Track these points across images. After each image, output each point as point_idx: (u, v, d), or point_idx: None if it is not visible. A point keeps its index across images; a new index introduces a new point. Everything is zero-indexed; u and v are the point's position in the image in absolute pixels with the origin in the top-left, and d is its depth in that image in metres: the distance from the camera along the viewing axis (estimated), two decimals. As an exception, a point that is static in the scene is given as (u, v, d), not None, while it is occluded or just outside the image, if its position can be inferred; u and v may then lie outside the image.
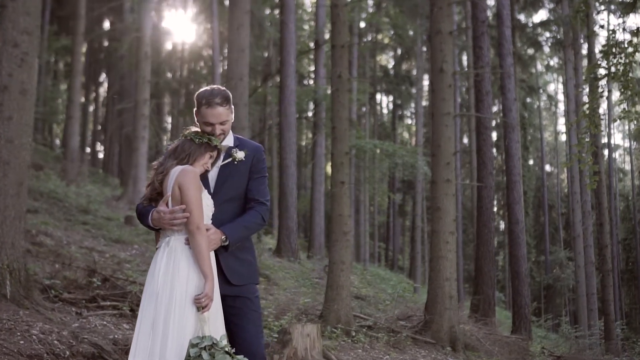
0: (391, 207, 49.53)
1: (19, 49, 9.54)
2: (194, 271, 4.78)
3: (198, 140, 5.05)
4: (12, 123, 9.40)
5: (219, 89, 5.26)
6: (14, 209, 9.37)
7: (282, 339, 10.25)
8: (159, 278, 4.80)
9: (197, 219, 4.79)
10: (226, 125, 5.24)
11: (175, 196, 4.88)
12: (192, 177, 4.86)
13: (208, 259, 4.78)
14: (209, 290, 4.70)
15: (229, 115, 5.24)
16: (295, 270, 21.74)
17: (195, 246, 4.78)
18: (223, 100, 5.18)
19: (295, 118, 27.47)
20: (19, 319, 8.65)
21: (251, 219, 5.23)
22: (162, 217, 4.90)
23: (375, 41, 45.22)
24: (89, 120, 51.52)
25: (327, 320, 12.77)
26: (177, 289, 4.71)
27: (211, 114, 5.15)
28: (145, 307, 4.80)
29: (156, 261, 4.91)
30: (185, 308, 4.68)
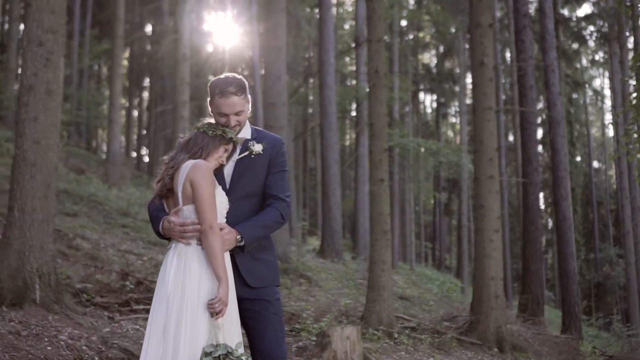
0: (437, 206, 49.08)
1: (44, 48, 9.35)
2: (207, 274, 4.46)
3: (212, 133, 4.73)
4: (38, 124, 9.21)
5: (234, 77, 4.91)
6: (42, 211, 9.18)
7: (321, 342, 9.95)
8: (169, 281, 4.50)
9: (209, 217, 4.46)
10: (242, 116, 4.91)
11: (186, 193, 4.56)
12: (205, 173, 4.52)
13: (222, 260, 4.45)
14: (223, 295, 4.37)
15: (245, 105, 4.91)
16: (339, 271, 21.46)
17: (208, 247, 4.45)
18: (238, 89, 4.84)
19: (337, 118, 27.22)
20: (47, 324, 8.46)
21: (269, 216, 4.88)
22: (172, 228, 4.60)
23: (416, 39, 44.78)
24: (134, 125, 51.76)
25: (368, 322, 12.44)
26: (189, 294, 4.40)
27: (225, 104, 4.82)
28: (156, 313, 4.49)
29: (166, 263, 4.61)
30: (198, 314, 4.38)
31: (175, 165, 4.65)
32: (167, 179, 4.67)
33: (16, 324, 8.21)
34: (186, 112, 25.53)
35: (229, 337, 4.45)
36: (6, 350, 7.27)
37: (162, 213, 4.78)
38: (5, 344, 7.43)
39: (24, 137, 9.23)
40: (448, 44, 41.87)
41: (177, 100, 25.61)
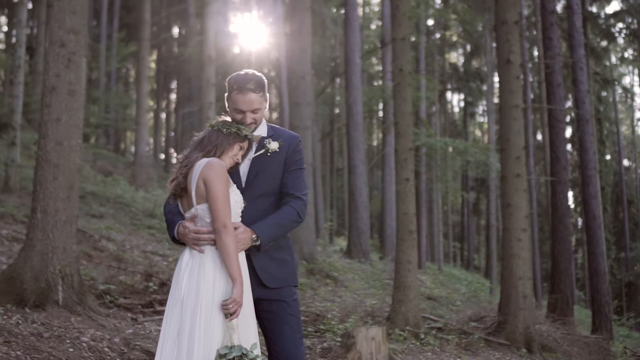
0: (465, 206, 48.79)
1: (66, 48, 9.34)
2: (221, 274, 4.37)
3: (226, 131, 4.64)
4: (60, 124, 9.20)
5: (254, 74, 4.82)
6: (65, 212, 9.17)
7: (346, 343, 9.85)
8: (183, 282, 4.42)
9: (223, 216, 4.37)
10: (258, 114, 4.81)
11: (199, 191, 4.46)
12: (218, 171, 4.43)
13: (236, 260, 4.35)
14: (237, 295, 4.27)
15: (263, 103, 4.82)
16: (366, 271, 21.34)
17: (221, 246, 4.36)
18: (256, 87, 4.76)
19: (363, 118, 27.11)
20: (70, 325, 8.43)
21: (285, 215, 4.77)
22: (186, 234, 4.52)
23: (443, 38, 44.55)
24: (162, 127, 51.88)
25: (394, 323, 12.32)
26: (203, 294, 4.31)
27: (242, 100, 4.73)
28: (170, 314, 4.42)
29: (181, 264, 4.53)
30: (212, 315, 4.28)
31: (189, 164, 4.57)
32: (180, 178, 4.58)
33: (38, 326, 8.19)
34: (212, 114, 25.50)
35: (244, 338, 4.36)
36: (28, 352, 7.25)
37: (178, 217, 4.70)
38: (27, 346, 7.41)
39: (46, 138, 9.23)
40: (475, 42, 41.59)
41: (203, 102, 25.61)
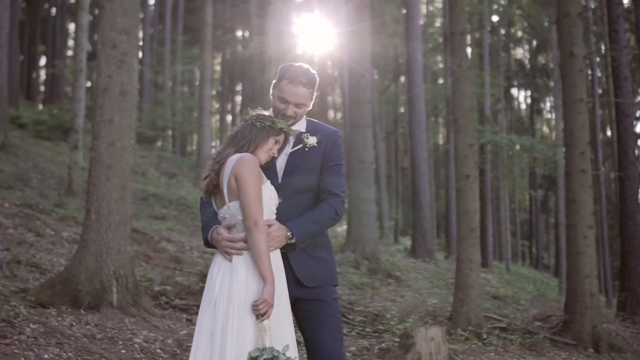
0: (533, 203, 48.07)
1: (118, 49, 9.34)
2: (254, 275, 4.24)
3: (260, 124, 4.49)
4: (113, 125, 9.20)
5: (308, 69, 4.70)
6: (118, 213, 9.17)
7: (405, 343, 9.65)
8: (216, 283, 4.29)
9: (254, 213, 4.22)
10: (301, 109, 4.68)
11: (231, 188, 4.32)
12: (251, 167, 4.28)
13: (267, 259, 4.21)
14: (268, 296, 4.13)
15: (309, 100, 4.69)
16: (429, 270, 21.08)
17: (252, 245, 4.22)
18: (308, 82, 4.64)
19: (427, 116, 26.85)
20: (123, 327, 8.41)
21: (322, 212, 4.61)
22: (219, 240, 4.39)
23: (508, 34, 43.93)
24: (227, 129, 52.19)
25: (456, 323, 12.08)
26: (235, 295, 4.19)
27: (290, 91, 4.60)
28: (203, 316, 4.30)
29: (214, 264, 4.41)
30: (244, 316, 4.15)
31: (221, 160, 4.43)
32: (213, 174, 4.45)
33: (92, 327, 8.19)
34: (272, 113, 25.47)
35: (278, 340, 4.22)
36: (79, 354, 7.24)
37: (213, 220, 4.57)
38: (79, 347, 7.40)
39: (99, 139, 9.24)
40: (541, 37, 40.92)
41: (266, 103, 25.60)
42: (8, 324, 7.69)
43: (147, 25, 44.44)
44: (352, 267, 16.98)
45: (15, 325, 7.72)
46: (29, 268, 10.56)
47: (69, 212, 15.09)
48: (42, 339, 7.50)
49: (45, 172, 20.07)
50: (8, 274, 10.02)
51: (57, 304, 8.79)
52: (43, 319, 8.09)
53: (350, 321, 10.94)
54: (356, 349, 9.71)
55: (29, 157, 21.55)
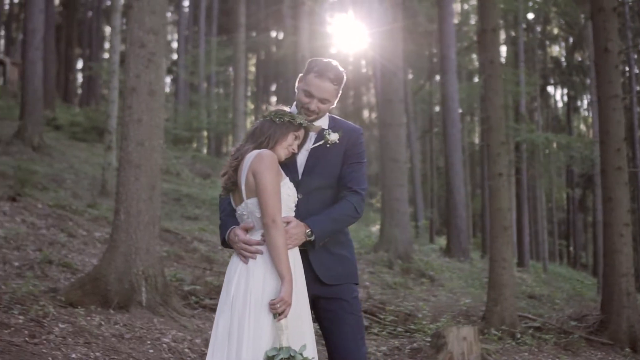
0: (570, 202, 47.59)
1: (146, 49, 9.34)
2: (272, 273, 4.16)
3: (279, 120, 4.41)
4: (141, 125, 9.20)
5: (338, 66, 4.61)
6: (147, 213, 9.16)
7: (436, 343, 9.54)
8: (233, 282, 4.23)
9: (272, 211, 4.15)
10: (325, 105, 4.58)
11: (249, 185, 4.25)
12: (269, 163, 4.20)
13: (285, 257, 4.13)
14: (285, 294, 4.05)
15: (334, 97, 4.60)
16: (464, 270, 20.92)
17: (270, 242, 4.15)
18: (335, 79, 4.54)
19: (461, 115, 26.69)
20: (152, 326, 8.41)
21: (341, 210, 4.53)
22: (236, 242, 4.33)
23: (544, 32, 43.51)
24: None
25: (489, 322, 11.95)
26: (253, 294, 4.12)
27: (317, 85, 4.51)
28: (220, 314, 4.25)
29: (232, 262, 4.35)
30: (261, 315, 4.08)
31: (240, 156, 4.37)
32: (231, 171, 4.40)
33: (121, 327, 8.19)
34: (306, 113, 25.43)
35: (296, 339, 4.15)
36: (107, 353, 7.23)
37: (231, 220, 4.51)
38: (106, 347, 7.39)
39: (128, 139, 9.25)
40: (577, 35, 40.48)
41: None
42: (37, 324, 7.71)
43: (182, 27, 44.67)
44: (385, 266, 16.88)
45: (44, 324, 7.74)
46: (61, 268, 10.62)
47: (102, 212, 15.17)
48: (70, 338, 7.51)
49: (80, 173, 20.20)
50: (39, 274, 10.08)
51: (86, 303, 8.81)
52: (72, 318, 8.11)
53: (381, 321, 10.86)
54: (387, 348, 9.63)
55: (64, 159, 21.71)
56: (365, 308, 11.07)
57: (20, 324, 7.59)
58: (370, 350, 9.28)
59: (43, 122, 24.16)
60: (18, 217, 13.08)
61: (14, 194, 14.36)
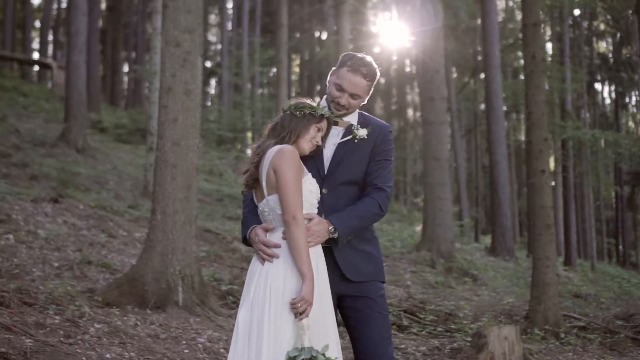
0: (619, 200, 46.87)
1: (181, 48, 9.34)
2: (293, 271, 4.07)
3: (300, 113, 4.31)
4: (177, 125, 9.18)
5: (372, 62, 4.53)
6: (184, 213, 9.14)
7: (477, 343, 9.39)
8: (253, 279, 4.16)
9: (293, 207, 4.07)
10: (356, 101, 4.50)
11: (270, 181, 4.18)
12: (289, 158, 4.12)
13: (306, 255, 4.04)
14: (306, 293, 3.97)
15: (365, 93, 4.51)
16: (509, 269, 20.65)
17: (290, 239, 4.06)
18: (368, 74, 4.46)
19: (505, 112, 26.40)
20: (188, 326, 8.38)
21: (366, 207, 4.43)
22: (255, 242, 4.27)
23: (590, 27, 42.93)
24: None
25: (532, 322, 11.75)
26: (273, 292, 4.03)
27: (349, 79, 4.43)
28: (240, 314, 4.17)
29: (254, 260, 4.27)
30: (282, 315, 4.00)
31: (261, 152, 4.29)
32: (252, 167, 4.32)
33: (156, 327, 8.18)
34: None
35: (318, 339, 4.05)
36: (141, 354, 7.21)
37: (252, 216, 4.45)
38: (141, 347, 7.38)
39: (164, 138, 9.24)
40: (624, 30, 39.84)
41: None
42: (73, 324, 7.73)
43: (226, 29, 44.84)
44: (428, 265, 16.71)
45: (80, 325, 7.75)
46: (100, 268, 10.66)
47: (143, 213, 15.21)
48: (105, 338, 7.51)
49: (122, 175, 20.33)
50: (78, 275, 10.12)
51: (123, 303, 8.82)
52: (108, 318, 8.11)
53: (421, 320, 10.72)
54: (427, 348, 9.49)
55: (108, 160, 21.87)
56: (405, 307, 10.95)
57: (56, 324, 7.61)
58: (409, 350, 9.17)
59: (87, 124, 24.37)
60: (60, 218, 13.17)
61: (56, 196, 14.46)
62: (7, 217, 12.24)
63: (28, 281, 9.19)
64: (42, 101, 32.79)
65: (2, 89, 33.68)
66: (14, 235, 11.44)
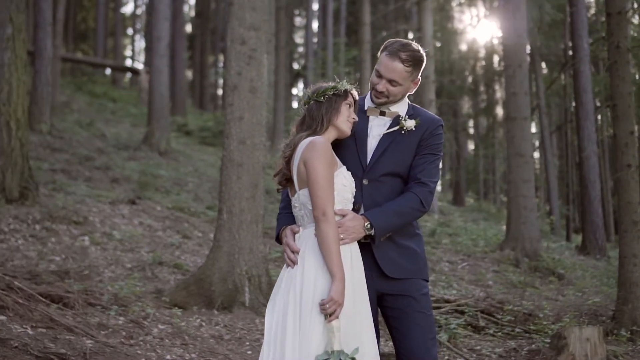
0: None
1: (247, 46, 9.23)
2: (324, 270, 3.83)
3: (324, 98, 4.07)
4: (243, 123, 9.08)
5: (413, 46, 4.26)
6: (250, 212, 9.02)
7: (556, 345, 9.00)
8: (283, 279, 3.98)
9: (323, 203, 3.83)
10: (395, 88, 4.22)
11: (301, 175, 3.95)
12: (321, 151, 3.89)
13: (336, 254, 3.79)
14: (335, 294, 3.72)
15: (406, 79, 4.22)
16: (599, 268, 19.97)
17: (320, 237, 3.83)
18: (408, 59, 4.18)
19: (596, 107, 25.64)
20: (253, 327, 8.25)
21: (406, 202, 4.14)
22: (283, 242, 4.09)
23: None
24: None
25: (619, 323, 11.23)
26: (304, 293, 3.81)
27: (386, 64, 4.18)
28: (267, 317, 4.00)
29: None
30: (312, 316, 3.76)
31: (293, 145, 4.06)
32: (284, 161, 4.10)
33: (221, 328, 8.08)
34: (433, 110, 25.06)
35: (352, 341, 3.80)
36: (203, 355, 7.11)
37: (288, 215, 4.23)
38: (203, 348, 7.28)
39: (230, 137, 9.15)
40: None
41: (423, 99, 25.30)
42: (136, 325, 7.67)
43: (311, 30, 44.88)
44: (512, 265, 16.25)
45: (144, 325, 7.69)
46: (171, 269, 10.61)
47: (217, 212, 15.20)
48: (167, 339, 7.43)
49: (203, 176, 20.39)
50: (149, 275, 10.10)
51: (191, 304, 8.75)
52: (173, 319, 8.04)
53: (498, 321, 10.34)
54: (503, 350, 9.14)
55: (190, 162, 21.98)
56: (482, 308, 10.59)
57: (119, 325, 7.57)
58: (483, 351, 8.84)
59: (170, 127, 24.57)
60: (136, 219, 13.22)
61: (135, 197, 14.55)
62: (84, 219, 12.34)
63: (97, 282, 9.20)
64: (130, 106, 33.34)
65: (92, 95, 34.42)
66: (90, 236, 11.51)
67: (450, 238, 18.52)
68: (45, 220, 11.73)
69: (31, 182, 12.56)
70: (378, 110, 4.34)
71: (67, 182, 15.09)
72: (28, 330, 6.77)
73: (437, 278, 12.90)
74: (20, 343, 6.22)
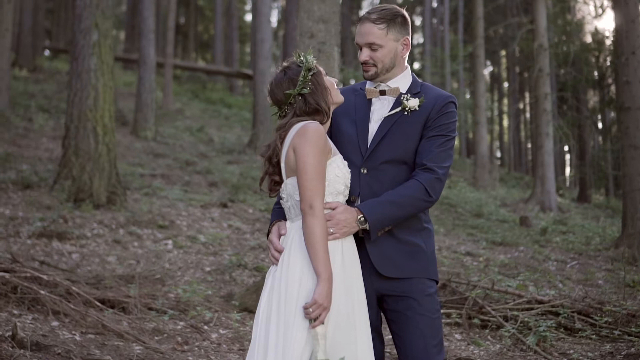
0: None
1: (315, 39, 8.88)
2: (310, 270, 3.41)
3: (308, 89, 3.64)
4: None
5: (385, 6, 3.85)
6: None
7: None
8: (269, 280, 3.58)
9: (310, 195, 3.42)
10: (378, 52, 3.79)
11: (289, 163, 3.56)
12: (313, 137, 3.47)
13: (323, 251, 3.37)
14: (319, 296, 3.31)
15: (384, 38, 3.78)
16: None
17: (305, 232, 3.42)
18: (379, 18, 3.76)
19: None
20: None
21: (407, 192, 3.65)
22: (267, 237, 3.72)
23: None
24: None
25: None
26: (288, 295, 3.40)
27: (359, 31, 3.81)
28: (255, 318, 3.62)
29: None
30: (295, 320, 3.35)
31: (285, 129, 3.66)
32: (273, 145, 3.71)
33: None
34: (548, 105, 24.19)
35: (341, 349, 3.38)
36: None
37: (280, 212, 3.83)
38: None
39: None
40: None
41: (538, 93, 24.42)
42: (195, 330, 7.41)
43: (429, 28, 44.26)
44: (628, 263, 15.28)
45: (203, 330, 7.41)
46: (252, 272, 10.33)
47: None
48: (225, 345, 7.14)
49: (305, 178, 20.18)
50: (227, 279, 9.86)
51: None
52: (236, 324, 7.73)
53: (596, 322, 9.59)
54: (598, 354, 8.44)
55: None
56: (579, 309, 9.84)
57: (177, 330, 7.32)
58: (574, 355, 8.18)
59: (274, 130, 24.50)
60: (225, 222, 13.06)
61: (227, 200, 14.41)
62: (171, 223, 12.25)
63: (168, 286, 8.98)
64: (245, 111, 33.58)
65: (208, 101, 34.86)
66: (173, 240, 11.38)
67: (563, 236, 17.65)
68: (130, 224, 11.70)
69: (119, 187, 12.58)
70: (377, 90, 3.89)
71: (162, 187, 15.07)
72: (76, 337, 6.60)
73: (539, 278, 12.20)
74: (63, 350, 6.03)
